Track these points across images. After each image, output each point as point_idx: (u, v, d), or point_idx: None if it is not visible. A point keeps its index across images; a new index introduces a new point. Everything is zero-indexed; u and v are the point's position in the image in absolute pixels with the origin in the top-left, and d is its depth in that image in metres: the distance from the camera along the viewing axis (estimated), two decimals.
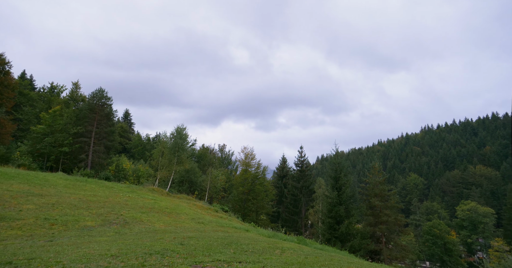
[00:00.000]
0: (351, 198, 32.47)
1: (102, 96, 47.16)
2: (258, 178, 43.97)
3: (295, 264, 7.55)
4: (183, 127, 40.22)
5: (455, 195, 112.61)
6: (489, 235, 72.81)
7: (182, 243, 9.84)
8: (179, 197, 31.32)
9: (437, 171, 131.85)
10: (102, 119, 46.07)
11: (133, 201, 21.77)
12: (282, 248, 10.54)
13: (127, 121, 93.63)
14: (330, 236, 29.54)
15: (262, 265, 7.15)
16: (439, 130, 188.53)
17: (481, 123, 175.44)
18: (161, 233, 13.02)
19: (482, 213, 75.78)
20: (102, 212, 16.60)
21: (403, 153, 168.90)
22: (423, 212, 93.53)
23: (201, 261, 7.26)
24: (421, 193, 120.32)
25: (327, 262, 8.32)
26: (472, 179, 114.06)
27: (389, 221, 30.61)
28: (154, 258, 7.33)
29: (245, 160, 45.30)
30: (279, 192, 50.17)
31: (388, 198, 32.50)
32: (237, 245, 10.10)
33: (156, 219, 17.36)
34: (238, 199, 42.42)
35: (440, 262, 61.08)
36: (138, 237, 11.36)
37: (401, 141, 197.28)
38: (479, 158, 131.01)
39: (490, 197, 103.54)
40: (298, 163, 47.30)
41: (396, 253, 29.99)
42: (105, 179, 33.96)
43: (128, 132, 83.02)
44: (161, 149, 39.47)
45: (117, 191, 25.52)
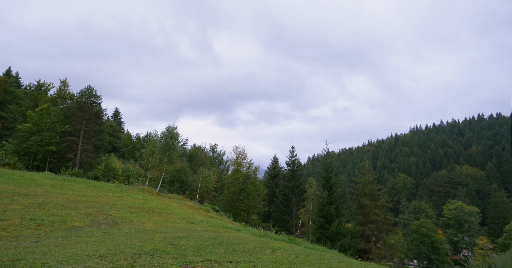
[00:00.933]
0: (341, 197, 32.76)
1: (91, 94, 46.31)
2: (249, 177, 43.97)
3: (285, 263, 7.58)
4: (174, 126, 39.90)
5: (442, 194, 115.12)
6: (474, 233, 74.73)
7: (172, 243, 9.75)
8: (169, 197, 31.04)
9: (425, 171, 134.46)
10: (91, 118, 45.25)
11: (123, 201, 21.46)
12: (273, 247, 10.56)
13: (116, 120, 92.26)
14: (320, 235, 29.77)
15: (253, 264, 7.15)
16: (427, 131, 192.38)
17: (467, 124, 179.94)
18: (151, 233, 12.88)
19: (467, 212, 77.70)
20: (91, 212, 16.31)
21: (392, 153, 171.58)
22: (411, 211, 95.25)
23: (192, 261, 7.21)
24: (410, 192, 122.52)
25: (317, 261, 8.38)
26: (459, 179, 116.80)
27: (379, 220, 31.08)
28: (144, 258, 7.25)
29: (237, 160, 45.24)
30: (270, 191, 50.29)
31: (377, 197, 32.99)
32: (228, 245, 10.07)
33: (146, 219, 17.16)
34: (229, 198, 42.33)
35: (427, 261, 62.33)
36: (127, 238, 11.20)
37: (390, 141, 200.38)
38: (465, 158, 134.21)
39: (475, 196, 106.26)
40: (290, 162, 47.50)
41: (385, 251, 30.46)
42: (94, 178, 33.40)
43: (118, 132, 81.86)
44: (152, 148, 39.03)
45: (106, 190, 25.12)
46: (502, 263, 17.68)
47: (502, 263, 17.77)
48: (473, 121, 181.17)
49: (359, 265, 9.14)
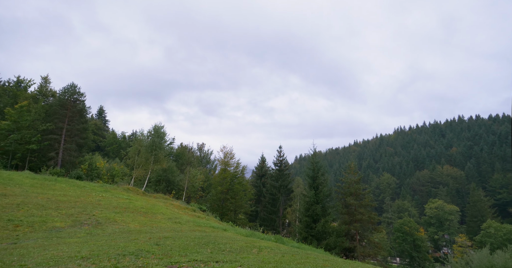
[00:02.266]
0: (327, 197, 33.18)
1: (74, 91, 45.04)
2: (237, 177, 43.88)
3: (272, 262, 7.61)
4: (160, 125, 39.33)
5: (424, 193, 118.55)
6: (453, 231, 77.37)
7: (157, 243, 9.62)
8: (155, 197, 30.59)
9: (408, 171, 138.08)
10: (74, 116, 44.00)
11: (107, 201, 20.99)
12: (260, 247, 10.59)
13: (101, 118, 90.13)
14: (307, 235, 30.06)
15: (239, 264, 7.15)
16: (410, 132, 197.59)
17: (448, 126, 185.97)
18: (136, 233, 12.66)
19: (448, 211, 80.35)
20: (73, 212, 15.87)
21: (377, 153, 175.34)
22: (395, 210, 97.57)
23: (177, 261, 7.14)
24: (393, 191, 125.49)
25: (303, 260, 8.46)
26: (440, 178, 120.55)
27: (363, 219, 31.66)
28: (128, 259, 7.12)
29: (224, 159, 45.06)
30: (257, 191, 50.38)
31: (362, 196, 33.60)
32: (215, 245, 10.03)
33: (131, 219, 16.85)
34: (216, 198, 42.12)
35: (409, 258, 64.03)
36: (111, 238, 10.97)
37: (375, 142, 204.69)
38: (446, 158, 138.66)
39: (455, 195, 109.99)
40: (277, 162, 47.71)
41: (369, 250, 31.07)
42: (76, 178, 32.50)
43: (103, 130, 79.98)
44: (138, 147, 38.33)
45: (90, 190, 24.50)
46: (479, 260, 18.41)
47: (478, 259, 18.50)
48: (454, 123, 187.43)
49: (344, 264, 9.29)
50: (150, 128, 39.17)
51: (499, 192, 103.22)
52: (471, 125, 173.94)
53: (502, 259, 17.39)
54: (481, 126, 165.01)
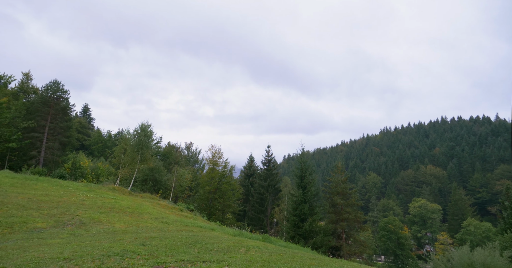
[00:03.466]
0: (315, 196, 33.51)
1: (58, 89, 43.74)
2: (225, 176, 43.74)
3: (259, 262, 7.63)
4: (148, 124, 38.69)
5: (409, 192, 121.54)
6: (436, 229, 79.70)
7: (143, 243, 9.48)
8: (142, 196, 30.10)
9: (393, 170, 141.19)
10: (57, 114, 42.74)
11: (91, 201, 20.50)
12: (247, 246, 10.59)
13: (86, 116, 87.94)
14: (294, 234, 30.28)
15: (227, 264, 7.13)
16: (396, 132, 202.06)
17: (432, 126, 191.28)
18: (121, 233, 12.42)
19: (430, 209, 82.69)
20: (55, 213, 15.42)
21: (363, 153, 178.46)
22: (380, 209, 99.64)
23: (164, 261, 7.05)
24: (379, 191, 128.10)
25: (290, 259, 8.51)
26: (423, 178, 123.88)
27: (350, 218, 32.16)
28: (113, 260, 6.98)
29: (212, 159, 44.82)
30: (246, 190, 50.37)
31: (349, 196, 34.12)
32: (202, 245, 9.97)
33: (116, 219, 16.52)
34: (204, 197, 41.85)
35: (393, 256, 65.57)
36: (95, 239, 10.73)
37: (362, 142, 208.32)
38: (429, 158, 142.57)
39: (438, 194, 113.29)
40: (265, 162, 47.83)
41: (355, 248, 31.61)
42: (59, 177, 31.59)
43: (87, 128, 78.04)
44: (124, 146, 37.58)
45: (73, 190, 23.86)
46: (459, 257, 19.03)
47: (459, 256, 19.12)
48: (437, 124, 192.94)
49: (330, 262, 9.41)
50: (136, 127, 38.51)
51: (478, 191, 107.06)
52: (453, 126, 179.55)
53: (481, 256, 18.03)
54: (462, 128, 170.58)
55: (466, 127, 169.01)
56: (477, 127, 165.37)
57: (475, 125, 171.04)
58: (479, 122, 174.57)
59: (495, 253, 18.19)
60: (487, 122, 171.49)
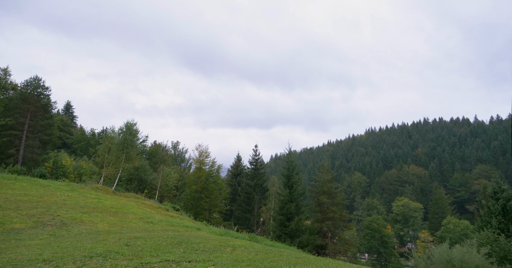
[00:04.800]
0: (301, 195, 33.83)
1: (38, 85, 42.25)
2: (212, 176, 43.48)
3: (245, 261, 7.63)
4: (133, 122, 37.94)
5: (392, 192, 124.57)
6: (417, 227, 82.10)
7: (127, 244, 9.30)
8: (126, 196, 29.51)
9: (378, 170, 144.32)
10: (37, 111, 41.28)
11: (73, 200, 19.92)
12: (234, 245, 10.58)
13: (68, 114, 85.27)
14: (280, 233, 30.47)
15: (212, 263, 7.09)
16: (380, 133, 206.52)
17: (414, 127, 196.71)
18: (104, 234, 12.14)
19: (413, 208, 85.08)
20: (35, 213, 14.90)
21: (349, 153, 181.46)
22: (365, 208, 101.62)
23: (148, 262, 6.94)
24: (364, 190, 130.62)
25: (276, 258, 8.56)
26: (406, 178, 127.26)
27: (335, 217, 32.65)
28: (95, 261, 6.82)
29: (199, 158, 44.46)
30: (233, 190, 50.24)
31: (335, 195, 34.62)
32: (188, 244, 9.88)
33: (99, 219, 16.13)
34: (190, 197, 41.46)
35: (377, 254, 67.04)
36: (77, 239, 10.44)
37: (348, 142, 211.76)
38: (412, 158, 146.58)
39: (419, 193, 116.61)
40: (253, 161, 47.88)
41: (340, 247, 32.12)
42: (39, 176, 30.54)
43: (70, 126, 75.74)
44: (108, 144, 36.71)
45: (54, 189, 23.12)
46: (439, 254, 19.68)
47: (439, 253, 19.77)
48: (419, 125, 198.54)
49: (316, 260, 9.53)
50: (122, 126, 37.70)
51: (458, 190, 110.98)
52: (435, 127, 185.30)
53: (459, 253, 18.70)
54: (443, 128, 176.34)
55: (447, 128, 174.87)
56: (457, 129, 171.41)
57: (455, 126, 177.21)
58: (459, 123, 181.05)
59: (472, 250, 18.91)
60: (466, 123, 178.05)
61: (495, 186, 29.80)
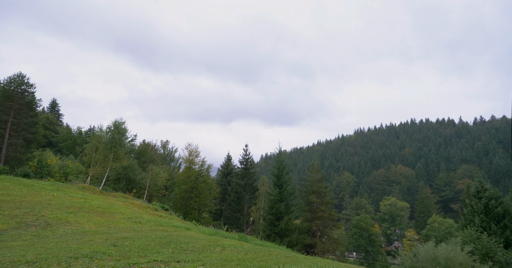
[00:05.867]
0: (291, 195, 33.96)
1: (22, 82, 41.06)
2: (202, 175, 43.22)
3: (235, 260, 7.61)
4: (121, 121, 37.31)
5: (380, 191, 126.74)
6: (404, 226, 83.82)
7: (115, 244, 9.14)
8: (114, 195, 29.01)
9: (366, 170, 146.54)
10: (21, 109, 40.12)
11: (59, 200, 19.45)
12: (223, 245, 10.54)
13: (54, 112, 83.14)
14: (270, 232, 30.53)
15: (202, 263, 7.05)
16: (369, 133, 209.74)
17: (402, 128, 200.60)
18: (91, 234, 11.90)
19: (399, 207, 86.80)
20: (18, 213, 14.48)
21: (338, 153, 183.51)
22: (353, 207, 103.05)
23: (136, 262, 6.84)
24: (352, 189, 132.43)
25: (265, 258, 8.57)
26: (394, 177, 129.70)
27: (324, 216, 32.96)
28: (81, 262, 6.67)
29: (189, 157, 44.12)
30: (223, 189, 50.08)
31: (324, 194, 34.93)
32: (177, 244, 9.79)
33: (86, 219, 15.80)
34: (180, 197, 41.09)
35: (364, 253, 68.11)
36: (62, 240, 10.20)
37: (337, 142, 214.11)
38: (399, 158, 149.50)
39: (406, 193, 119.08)
40: (243, 160, 47.83)
41: (328, 246, 32.45)
42: (23, 175, 29.69)
43: (56, 125, 73.83)
44: (95, 143, 35.99)
45: (39, 189, 22.52)
46: (425, 252, 20.14)
47: (424, 252, 20.23)
48: (407, 125, 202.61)
49: (305, 260, 9.59)
50: (109, 124, 37.02)
51: (443, 189, 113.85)
52: (421, 128, 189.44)
53: (444, 251, 19.19)
54: (429, 129, 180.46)
55: (433, 129, 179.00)
56: (442, 129, 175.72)
57: (441, 127, 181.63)
58: (445, 124, 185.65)
59: (456, 248, 19.42)
60: (451, 124, 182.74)
61: (478, 185, 30.69)
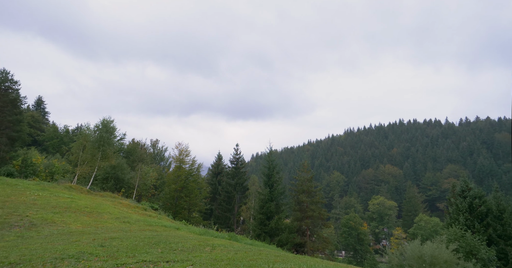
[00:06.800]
0: (282, 194, 34.12)
1: (6, 79, 39.88)
2: (192, 175, 42.92)
3: (224, 260, 7.60)
4: (110, 119, 36.67)
5: (369, 190, 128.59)
6: (392, 225, 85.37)
7: (102, 244, 8.99)
8: (102, 195, 28.51)
9: (356, 169, 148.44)
10: (5, 106, 38.94)
11: (44, 200, 18.98)
12: (213, 245, 10.50)
13: (39, 110, 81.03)
14: (260, 232, 30.59)
15: (191, 263, 7.01)
16: (358, 133, 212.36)
17: (390, 128, 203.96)
18: (77, 234, 11.66)
19: (388, 206, 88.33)
20: (1, 214, 14.07)
21: (328, 153, 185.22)
22: (343, 206, 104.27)
23: (124, 263, 6.75)
24: (342, 189, 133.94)
25: (255, 257, 8.58)
26: (382, 177, 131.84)
27: (314, 216, 33.23)
28: (67, 262, 6.54)
29: (179, 156, 43.72)
30: (213, 189, 49.88)
31: (314, 194, 35.21)
32: (166, 244, 9.70)
33: (72, 219, 15.47)
34: (169, 196, 40.70)
35: (353, 251, 69.05)
36: (47, 241, 9.96)
37: (327, 141, 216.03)
38: (388, 158, 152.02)
39: (394, 192, 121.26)
40: (234, 160, 47.75)
41: (318, 244, 32.74)
42: (7, 175, 28.88)
43: (41, 123, 72.00)
44: (83, 142, 35.26)
45: (23, 188, 21.92)
46: (411, 250, 20.56)
47: (411, 250, 20.65)
48: (395, 126, 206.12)
49: (294, 258, 9.65)
50: (97, 123, 36.34)
51: (429, 189, 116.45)
52: (409, 128, 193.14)
53: (430, 249, 19.63)
54: (417, 130, 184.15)
55: (420, 129, 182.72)
56: (429, 130, 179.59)
57: (428, 127, 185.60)
58: (431, 125, 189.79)
59: (442, 246, 19.90)
60: (438, 125, 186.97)
61: (463, 184, 31.51)
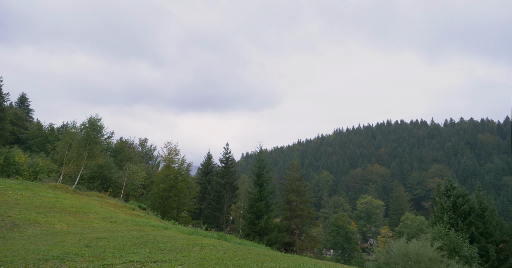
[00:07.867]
0: (271, 193, 34.20)
1: None
2: (181, 174, 42.53)
3: (213, 259, 7.57)
4: (97, 118, 35.91)
5: (357, 190, 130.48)
6: (379, 223, 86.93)
7: (88, 245, 8.81)
8: (88, 195, 27.93)
9: (344, 169, 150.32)
10: None
11: (27, 200, 18.45)
12: (202, 244, 10.45)
13: (23, 107, 78.70)
14: (249, 231, 30.61)
15: (180, 263, 6.95)
16: (347, 133, 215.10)
17: (378, 128, 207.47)
18: (62, 235, 11.39)
19: (375, 205, 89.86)
20: None
21: (318, 152, 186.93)
22: (331, 206, 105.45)
23: (111, 263, 6.63)
24: (331, 188, 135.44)
25: (244, 256, 8.59)
26: (370, 176, 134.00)
27: (303, 215, 33.47)
28: (51, 264, 6.37)
29: (168, 156, 43.24)
30: (202, 188, 49.58)
31: (303, 193, 35.45)
32: (154, 244, 9.58)
33: (57, 219, 15.10)
34: (158, 196, 40.24)
35: (341, 250, 69.96)
36: (30, 241, 9.69)
37: (317, 141, 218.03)
38: (376, 157, 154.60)
39: (381, 191, 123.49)
40: (223, 159, 47.58)
41: (307, 243, 33.02)
42: None
43: (25, 121, 69.95)
44: (68, 140, 34.44)
45: (5, 188, 21.25)
46: (397, 248, 20.98)
47: (397, 248, 21.07)
48: (383, 126, 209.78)
49: (283, 257, 9.70)
50: (84, 121, 35.52)
51: (415, 188, 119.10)
52: (397, 128, 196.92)
53: (415, 247, 20.08)
54: (404, 130, 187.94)
55: (407, 130, 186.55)
56: (416, 130, 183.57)
57: (414, 128, 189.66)
58: (418, 125, 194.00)
59: (426, 244, 20.37)
60: (424, 126, 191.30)
61: (447, 184, 32.34)
